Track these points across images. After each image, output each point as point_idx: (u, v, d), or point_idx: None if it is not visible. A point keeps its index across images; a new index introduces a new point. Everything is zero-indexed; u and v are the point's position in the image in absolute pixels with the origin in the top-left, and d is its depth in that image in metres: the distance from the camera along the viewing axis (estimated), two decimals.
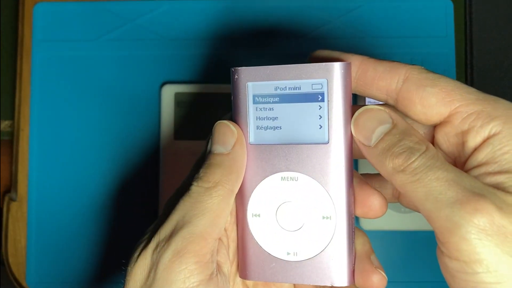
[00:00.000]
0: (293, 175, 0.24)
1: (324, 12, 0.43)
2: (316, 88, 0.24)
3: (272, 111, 0.24)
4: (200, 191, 0.23)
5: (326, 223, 0.24)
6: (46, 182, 0.42)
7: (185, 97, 0.42)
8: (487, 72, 0.43)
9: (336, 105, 0.23)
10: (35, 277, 0.42)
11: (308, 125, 0.24)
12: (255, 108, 0.25)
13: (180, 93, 0.42)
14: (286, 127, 0.24)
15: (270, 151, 0.24)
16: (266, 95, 0.24)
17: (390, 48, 0.43)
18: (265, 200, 0.25)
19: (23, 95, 0.43)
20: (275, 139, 0.24)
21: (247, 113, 0.25)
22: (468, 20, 0.44)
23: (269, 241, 0.25)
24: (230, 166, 0.24)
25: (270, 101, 0.24)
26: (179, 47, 0.44)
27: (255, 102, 0.25)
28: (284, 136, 0.24)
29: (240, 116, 0.25)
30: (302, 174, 0.24)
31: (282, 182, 0.24)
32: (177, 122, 0.42)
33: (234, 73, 0.25)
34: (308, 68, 0.24)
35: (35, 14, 0.44)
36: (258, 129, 0.25)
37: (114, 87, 0.43)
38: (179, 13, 0.44)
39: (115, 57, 0.43)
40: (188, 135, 0.42)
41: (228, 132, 0.25)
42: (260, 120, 0.25)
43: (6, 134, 0.45)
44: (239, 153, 0.25)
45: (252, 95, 0.25)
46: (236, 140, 0.25)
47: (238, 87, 0.25)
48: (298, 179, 0.24)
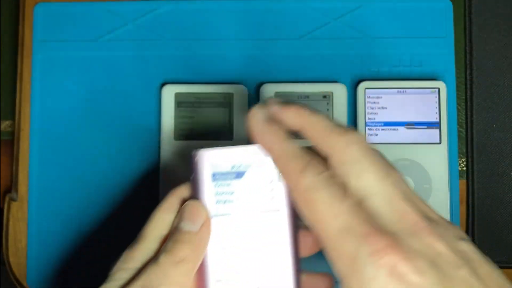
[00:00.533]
0: (245, 245, 0.27)
1: (323, 13, 0.43)
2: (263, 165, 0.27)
3: (230, 187, 0.27)
4: (167, 263, 0.25)
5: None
6: (46, 182, 0.43)
7: (185, 97, 0.42)
8: (486, 73, 0.43)
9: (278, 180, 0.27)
10: (36, 277, 0.42)
11: (260, 196, 0.27)
12: (214, 185, 0.27)
13: (180, 93, 0.42)
14: (241, 200, 0.27)
15: (228, 222, 0.27)
16: (224, 173, 0.27)
17: (389, 48, 0.43)
18: (226, 266, 0.27)
19: (24, 95, 0.43)
20: (232, 211, 0.27)
21: (207, 189, 0.27)
22: (468, 21, 0.44)
23: None
24: (197, 244, 0.26)
25: (227, 178, 0.27)
26: (179, 48, 0.44)
27: (214, 179, 0.27)
28: (239, 208, 0.27)
29: (201, 192, 0.27)
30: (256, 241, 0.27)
31: (238, 250, 0.27)
32: (177, 122, 0.42)
33: (194, 154, 0.28)
34: (254, 149, 0.27)
35: (35, 14, 0.44)
36: (217, 203, 0.27)
37: (114, 87, 0.43)
38: (179, 14, 0.44)
39: (116, 57, 0.44)
40: (188, 135, 0.42)
41: (198, 212, 0.27)
42: (219, 195, 0.27)
43: (6, 134, 0.45)
44: (205, 233, 0.27)
45: (212, 173, 0.27)
46: (204, 221, 0.27)
47: (198, 167, 0.27)
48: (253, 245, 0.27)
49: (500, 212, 0.42)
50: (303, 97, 0.41)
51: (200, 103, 0.42)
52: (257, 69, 0.43)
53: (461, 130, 0.43)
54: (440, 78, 0.42)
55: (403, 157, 0.40)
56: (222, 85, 0.42)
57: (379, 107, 0.41)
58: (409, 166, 0.40)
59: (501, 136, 0.43)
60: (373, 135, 0.41)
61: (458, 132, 0.43)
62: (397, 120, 0.41)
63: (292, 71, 0.43)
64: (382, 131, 0.41)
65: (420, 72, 0.43)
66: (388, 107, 0.41)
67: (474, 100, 0.43)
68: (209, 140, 0.41)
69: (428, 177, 0.40)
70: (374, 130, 0.41)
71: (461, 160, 0.43)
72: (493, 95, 0.43)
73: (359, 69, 0.43)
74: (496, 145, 0.43)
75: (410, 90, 0.41)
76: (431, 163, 0.40)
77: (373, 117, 0.41)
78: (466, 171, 0.43)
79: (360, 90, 0.41)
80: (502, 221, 0.42)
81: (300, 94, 0.41)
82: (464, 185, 0.42)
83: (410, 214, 0.22)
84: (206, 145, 0.41)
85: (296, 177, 0.24)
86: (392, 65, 0.43)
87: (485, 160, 0.42)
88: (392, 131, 0.41)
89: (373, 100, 0.41)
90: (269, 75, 0.43)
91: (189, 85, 0.42)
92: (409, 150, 0.40)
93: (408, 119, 0.41)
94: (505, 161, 0.42)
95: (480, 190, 0.42)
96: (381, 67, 0.43)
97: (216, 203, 0.27)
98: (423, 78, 0.42)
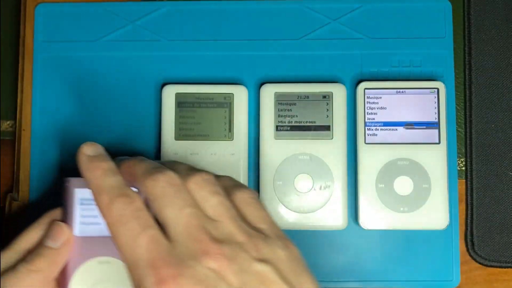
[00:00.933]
0: (108, 259, 0.31)
1: (323, 13, 0.44)
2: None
3: (94, 211, 0.31)
4: (23, 271, 0.30)
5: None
6: (47, 182, 0.43)
7: (186, 97, 0.42)
8: (485, 73, 0.43)
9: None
10: None
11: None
12: (81, 209, 0.32)
13: (181, 93, 0.42)
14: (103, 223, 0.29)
15: (90, 241, 0.31)
16: (89, 199, 0.29)
17: (389, 49, 0.43)
18: (86, 280, 0.31)
19: (25, 95, 0.44)
20: (95, 232, 0.31)
21: (75, 212, 0.32)
22: (467, 21, 0.44)
23: None
24: (53, 259, 0.31)
25: (92, 203, 0.29)
26: (179, 48, 0.44)
27: (81, 204, 0.32)
28: (102, 229, 0.30)
29: (69, 214, 0.32)
30: (115, 258, 0.31)
31: (100, 265, 0.31)
32: (178, 122, 0.42)
33: (65, 181, 0.32)
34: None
35: (36, 14, 0.44)
36: (82, 224, 0.32)
37: (115, 88, 0.43)
38: (180, 14, 0.44)
39: (116, 57, 0.44)
40: (188, 136, 0.42)
41: (61, 231, 0.31)
42: (84, 217, 0.32)
43: (7, 134, 0.45)
44: (64, 251, 0.31)
45: (80, 198, 0.32)
46: (65, 240, 0.31)
47: (68, 192, 0.32)
48: (111, 262, 0.31)
49: (499, 212, 0.42)
50: (303, 97, 0.41)
51: (201, 103, 0.42)
52: (257, 69, 0.43)
53: (460, 130, 0.43)
54: (439, 78, 0.42)
55: (402, 157, 0.41)
56: (222, 85, 0.42)
57: (379, 107, 0.41)
58: (408, 166, 0.40)
59: (500, 136, 0.43)
60: (373, 135, 0.41)
61: (457, 132, 0.43)
62: (396, 120, 0.41)
63: (292, 71, 0.43)
64: (382, 131, 0.41)
65: (419, 72, 0.43)
66: (388, 107, 0.41)
67: (473, 100, 0.43)
68: (210, 140, 0.42)
69: (427, 177, 0.40)
70: (374, 130, 0.41)
71: (460, 160, 0.43)
72: (492, 95, 0.43)
73: (358, 69, 0.43)
74: (495, 145, 0.43)
75: (409, 90, 0.41)
76: (430, 163, 0.40)
77: (373, 117, 0.41)
78: (465, 171, 0.43)
79: (359, 90, 0.41)
80: (501, 221, 0.42)
81: (300, 94, 0.41)
82: (463, 185, 0.43)
83: (202, 240, 0.25)
84: (206, 145, 0.41)
85: (105, 209, 0.27)
86: (392, 66, 0.43)
87: (484, 160, 0.42)
88: (392, 131, 0.41)
89: (372, 100, 0.41)
90: (269, 75, 0.43)
91: (189, 85, 0.42)
92: (408, 150, 0.41)
93: (407, 119, 0.41)
94: (504, 161, 0.43)
95: (479, 190, 0.42)
96: (380, 67, 0.43)
97: (81, 224, 0.32)
98: (422, 79, 0.42)
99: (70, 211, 0.32)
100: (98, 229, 0.31)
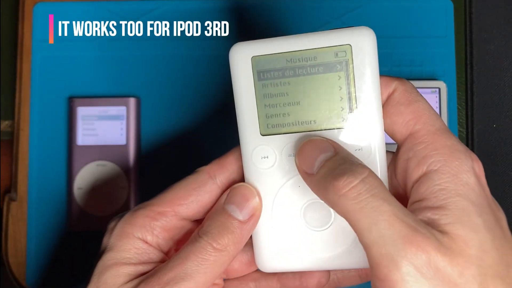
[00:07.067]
0: (104, 163, 0.35)
1: (324, 12, 0.43)
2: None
3: (92, 125, 0.32)
4: (208, 248, 0.24)
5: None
6: (46, 182, 0.42)
7: (271, 62, 0.41)
8: (487, 72, 0.43)
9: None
10: (35, 277, 0.42)
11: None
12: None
13: (262, 58, 0.38)
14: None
15: (89, 148, 0.35)
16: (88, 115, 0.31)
17: (390, 48, 0.43)
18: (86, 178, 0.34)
19: (23, 95, 0.43)
20: (92, 141, 0.32)
21: (78, 126, 0.33)
22: (468, 20, 0.44)
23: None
24: (241, 235, 0.24)
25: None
26: (179, 48, 0.44)
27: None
28: (97, 139, 0.33)
29: (73, 128, 0.34)
30: (108, 162, 0.34)
31: (97, 167, 0.33)
32: (262, 105, 0.41)
33: (70, 101, 0.33)
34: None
35: (35, 14, 0.44)
36: (83, 136, 0.33)
37: (115, 88, 0.43)
38: (180, 13, 0.44)
39: (116, 57, 0.43)
40: (282, 125, 0.41)
41: (249, 200, 0.25)
42: (84, 130, 0.32)
43: (6, 134, 0.45)
44: (252, 226, 0.25)
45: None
46: (254, 212, 0.25)
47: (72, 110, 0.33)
48: (106, 165, 0.35)
49: None
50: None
51: (296, 68, 0.26)
52: None
53: (461, 130, 0.43)
54: (440, 78, 0.42)
55: None
56: (334, 32, 0.26)
57: None
58: None
59: (501, 136, 0.43)
60: None
61: (459, 132, 0.43)
62: None
63: None
64: None
65: (421, 72, 0.43)
66: None
67: (475, 100, 0.43)
68: (317, 130, 0.25)
69: None
70: None
71: None
72: (494, 95, 0.43)
73: None
74: (496, 145, 0.43)
75: None
76: None
77: None
78: None
79: None
80: None
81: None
82: None
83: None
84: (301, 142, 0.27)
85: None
86: (393, 65, 0.43)
87: (485, 160, 0.42)
88: None
89: None
90: None
91: (270, 40, 0.27)
92: None
93: None
94: (505, 161, 0.42)
95: None
96: (381, 67, 0.42)
97: (82, 135, 0.37)
98: (424, 78, 0.42)
99: (74, 125, 0.39)
100: (94, 140, 0.39)
